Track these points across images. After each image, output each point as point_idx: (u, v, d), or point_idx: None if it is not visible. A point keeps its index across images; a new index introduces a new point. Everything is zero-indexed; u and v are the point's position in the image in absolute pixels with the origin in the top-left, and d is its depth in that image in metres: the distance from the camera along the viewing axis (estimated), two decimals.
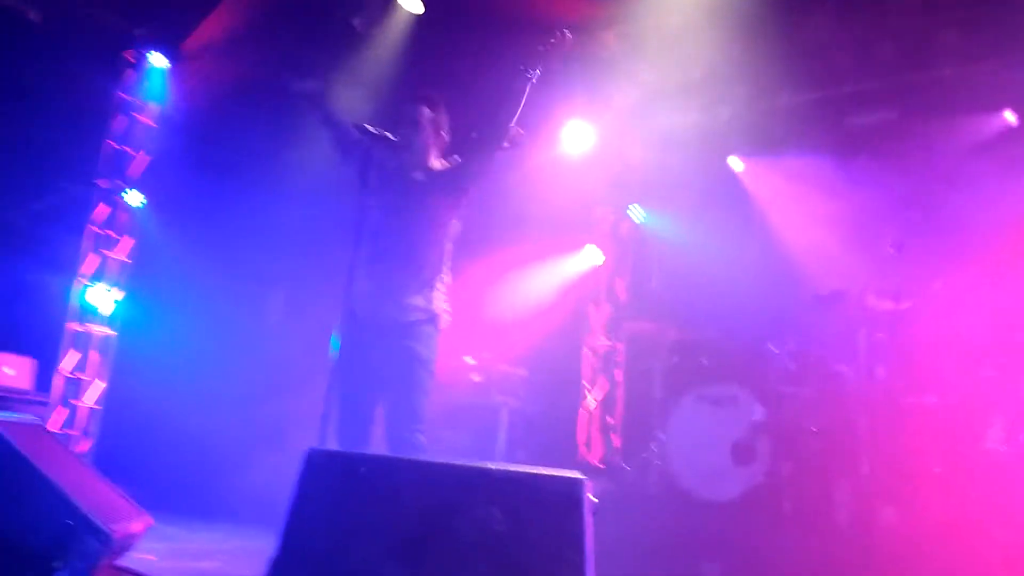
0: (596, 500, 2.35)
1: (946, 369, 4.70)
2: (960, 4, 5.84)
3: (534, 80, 3.57)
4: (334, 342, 3.15)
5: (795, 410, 4.98)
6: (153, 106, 7.01)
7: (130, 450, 6.09)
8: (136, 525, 3.19)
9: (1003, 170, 5.69)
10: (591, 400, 7.36)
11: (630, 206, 7.73)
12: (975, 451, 4.41)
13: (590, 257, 7.71)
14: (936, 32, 6.07)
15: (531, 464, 2.61)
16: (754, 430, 4.96)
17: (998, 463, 4.34)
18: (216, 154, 7.22)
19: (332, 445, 3.24)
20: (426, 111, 3.70)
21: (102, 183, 6.68)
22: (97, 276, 6.58)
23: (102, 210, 6.65)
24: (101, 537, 2.80)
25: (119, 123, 6.82)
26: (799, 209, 6.56)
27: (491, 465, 2.46)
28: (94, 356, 6.53)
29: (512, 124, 3.58)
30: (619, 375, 7.35)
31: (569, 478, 2.34)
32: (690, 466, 5.13)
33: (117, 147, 6.79)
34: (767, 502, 4.76)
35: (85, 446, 6.34)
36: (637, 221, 7.72)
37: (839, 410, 4.88)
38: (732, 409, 5.13)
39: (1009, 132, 6.10)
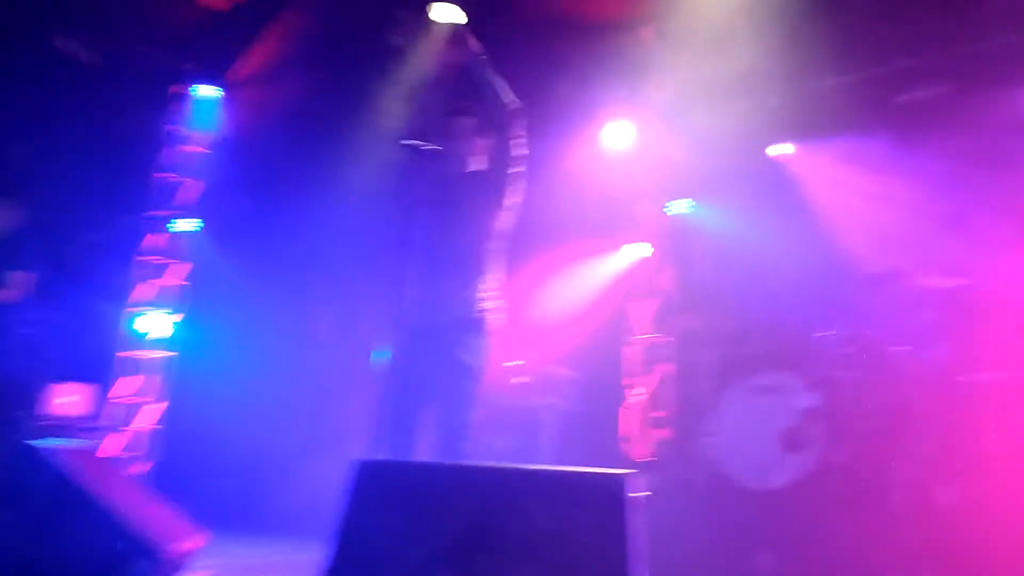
0: (648, 494, 2.33)
1: (1003, 345, 4.52)
2: None
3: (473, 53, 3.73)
4: (379, 353, 3.18)
5: (847, 394, 4.86)
6: (204, 134, 7.22)
7: (190, 468, 6.24)
8: (191, 543, 3.25)
9: None
10: (638, 395, 7.29)
11: (675, 200, 7.64)
12: None
13: (636, 252, 7.64)
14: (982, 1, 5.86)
15: (580, 464, 2.60)
16: (806, 417, 4.85)
17: None
18: (266, 177, 7.38)
19: (380, 453, 3.28)
20: (463, 121, 3.76)
21: (154, 212, 6.89)
22: (153, 302, 6.79)
23: (154, 238, 6.87)
24: (151, 559, 2.87)
25: (169, 153, 7.04)
26: (849, 190, 6.39)
27: (538, 467, 2.47)
28: (153, 378, 6.73)
29: (490, 95, 3.63)
30: (668, 368, 7.27)
31: (611, 475, 2.34)
32: (741, 456, 5.04)
33: (168, 177, 7.01)
34: (821, 489, 4.65)
35: (146, 467, 6.53)
36: (682, 214, 7.63)
37: (894, 392, 4.74)
38: (783, 397, 5.03)
39: None
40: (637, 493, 2.32)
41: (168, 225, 6.94)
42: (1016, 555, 3.70)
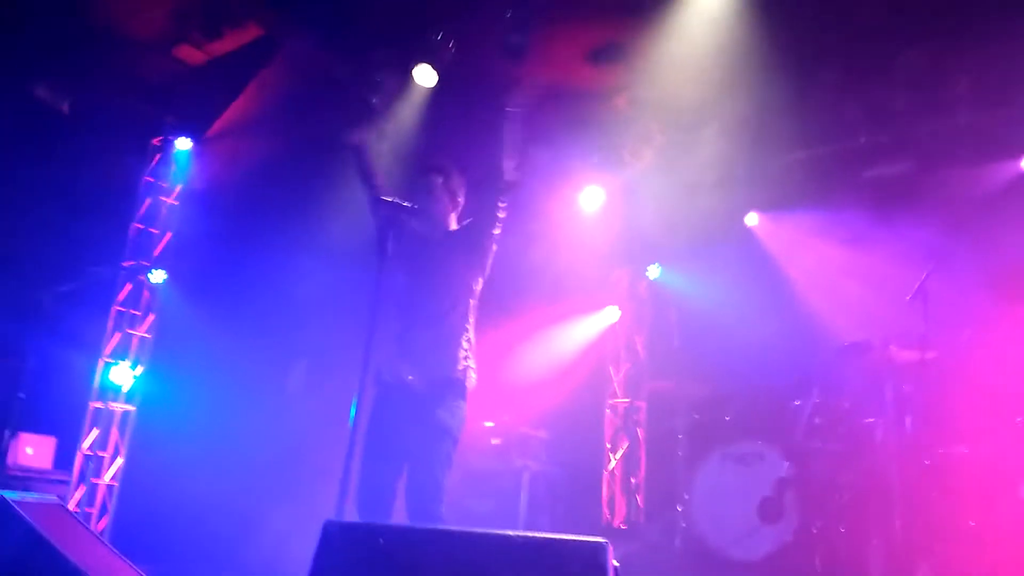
0: (617, 564, 2.28)
1: (977, 418, 4.58)
2: (970, 52, 5.85)
3: (509, 115, 3.65)
4: (354, 409, 3.14)
5: (823, 465, 4.87)
6: (181, 186, 7.21)
7: (149, 525, 6.06)
8: None
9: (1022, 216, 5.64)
10: (613, 460, 7.28)
11: (648, 265, 7.75)
12: (1010, 501, 4.26)
13: (607, 316, 7.70)
14: (948, 81, 6.07)
15: (555, 528, 2.55)
16: (781, 487, 4.85)
17: None
18: (237, 229, 7.36)
19: (351, 514, 3.20)
20: (439, 179, 3.77)
21: (127, 264, 6.83)
22: (120, 354, 6.68)
23: (126, 289, 6.79)
24: None
25: (145, 205, 7.01)
26: (818, 262, 6.52)
27: (512, 533, 2.40)
28: (114, 433, 6.58)
29: (504, 160, 3.63)
30: (641, 434, 7.27)
31: (592, 543, 2.27)
32: (717, 526, 5.02)
33: (143, 228, 6.97)
34: (798, 561, 4.63)
35: (104, 523, 6.34)
36: (654, 279, 7.73)
37: (868, 464, 4.76)
38: (758, 466, 5.03)
39: None
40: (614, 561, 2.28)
41: (142, 276, 6.87)
42: None
